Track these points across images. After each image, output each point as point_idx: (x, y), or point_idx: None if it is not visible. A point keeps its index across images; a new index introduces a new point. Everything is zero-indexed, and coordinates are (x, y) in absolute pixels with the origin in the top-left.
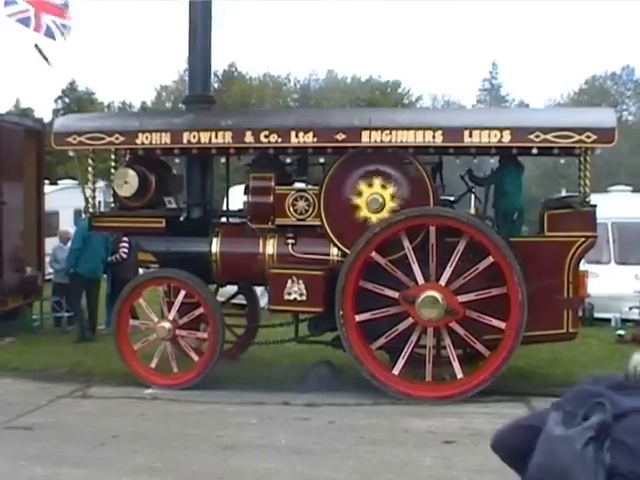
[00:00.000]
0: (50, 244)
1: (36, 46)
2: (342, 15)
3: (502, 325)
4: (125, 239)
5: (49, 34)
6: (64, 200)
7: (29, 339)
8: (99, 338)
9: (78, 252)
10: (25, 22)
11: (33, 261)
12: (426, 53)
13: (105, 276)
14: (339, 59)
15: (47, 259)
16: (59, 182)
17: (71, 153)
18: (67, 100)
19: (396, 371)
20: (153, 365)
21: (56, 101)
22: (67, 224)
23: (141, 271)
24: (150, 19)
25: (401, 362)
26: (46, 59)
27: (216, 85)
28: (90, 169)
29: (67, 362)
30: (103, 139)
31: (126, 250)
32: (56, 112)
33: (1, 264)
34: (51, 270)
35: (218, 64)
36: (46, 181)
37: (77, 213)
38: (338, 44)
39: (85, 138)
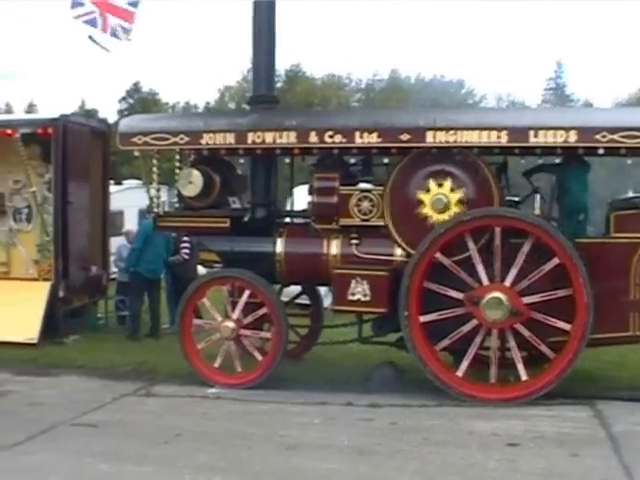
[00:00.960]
0: (115, 244)
1: (90, 37)
2: (405, 15)
3: (567, 327)
4: (186, 239)
5: (114, 35)
6: (129, 200)
7: (94, 337)
8: (163, 337)
9: (139, 252)
10: (92, 23)
11: (98, 260)
12: (490, 52)
13: (165, 276)
14: (402, 59)
15: (112, 258)
16: (124, 182)
17: (136, 153)
18: (131, 101)
19: (460, 373)
20: (217, 364)
21: (120, 102)
22: (131, 224)
23: (203, 270)
24: (213, 19)
25: (465, 364)
26: (103, 47)
27: (280, 85)
28: (155, 169)
29: (131, 360)
30: (168, 139)
31: (188, 251)
32: (120, 113)
33: (67, 263)
34: (116, 269)
35: (282, 64)
36: (111, 181)
37: (141, 213)
38: (401, 44)
39: (150, 138)
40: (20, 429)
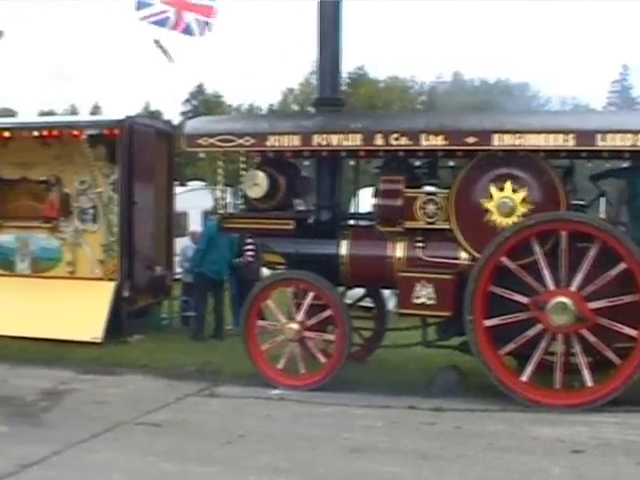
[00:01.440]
0: (179, 244)
1: (156, 42)
2: (468, 17)
3: (634, 333)
4: (250, 241)
5: (188, 31)
6: (193, 201)
7: (158, 337)
8: (227, 338)
9: (203, 253)
10: (161, 23)
11: (162, 261)
12: (555, 55)
13: (229, 277)
14: (466, 61)
15: (176, 259)
16: (188, 183)
17: (202, 155)
18: (195, 103)
19: (525, 378)
20: (280, 366)
21: (184, 104)
22: (195, 225)
23: (267, 272)
24: (276, 21)
25: (530, 369)
26: (167, 55)
27: (343, 88)
28: (220, 171)
29: (195, 361)
30: (233, 141)
31: (252, 253)
32: (184, 115)
33: (132, 263)
34: (180, 270)
35: (345, 66)
36: (175, 182)
37: (205, 214)
38: (465, 46)
39: (216, 140)
40: (85, 427)
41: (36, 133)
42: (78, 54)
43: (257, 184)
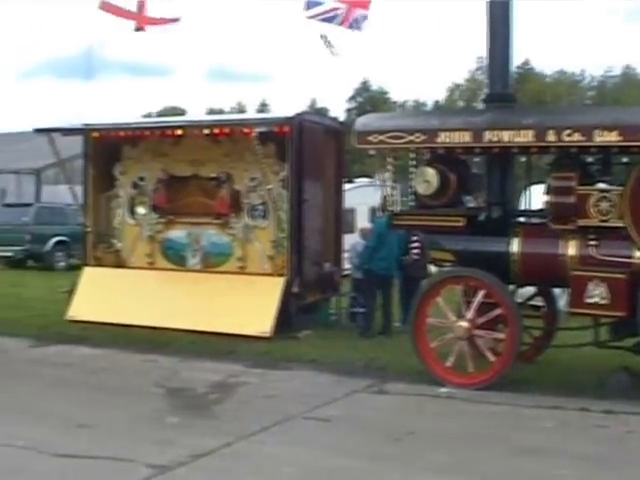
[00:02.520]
0: (347, 241)
1: (323, 37)
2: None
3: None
4: (416, 239)
5: (355, 26)
6: (360, 198)
7: (326, 333)
8: (394, 335)
9: (372, 250)
10: (329, 20)
11: (331, 257)
12: None
13: (398, 274)
14: (637, 54)
15: (345, 255)
16: (355, 180)
17: (372, 152)
18: (360, 99)
19: None
20: (449, 364)
21: (349, 101)
22: (362, 221)
23: (434, 269)
24: (439, 17)
25: None
26: (331, 49)
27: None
28: (389, 167)
29: (362, 357)
30: (403, 138)
31: (417, 250)
32: (349, 112)
33: (301, 259)
34: (349, 266)
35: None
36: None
37: (372, 211)
38: (635, 39)
39: (386, 137)
40: (255, 420)
41: (207, 131)
42: (241, 52)
43: (427, 181)
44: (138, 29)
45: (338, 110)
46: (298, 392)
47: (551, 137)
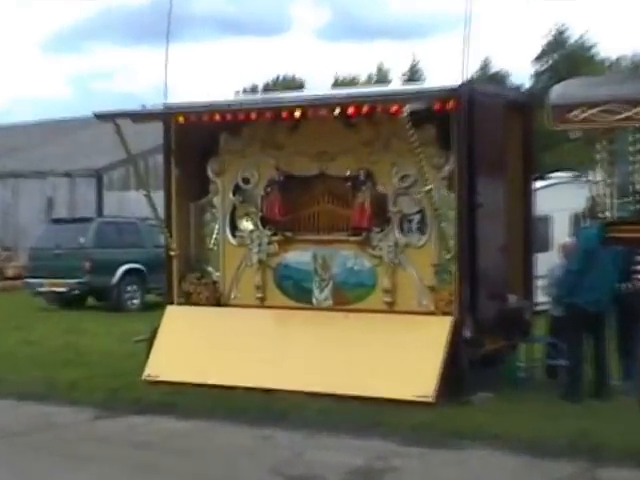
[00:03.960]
0: (542, 262)
1: None
2: None
3: None
4: None
5: None
6: (557, 200)
7: (512, 396)
8: (611, 397)
9: (577, 275)
10: None
11: (518, 286)
12: None
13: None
14: None
15: (539, 283)
16: (550, 176)
17: (574, 134)
18: (553, 58)
19: None
20: None
21: (537, 60)
22: (562, 235)
23: None
24: None
25: None
26: None
27: None
28: (602, 156)
29: (567, 431)
30: (622, 112)
31: None
32: (538, 76)
33: (476, 290)
34: (545, 299)
35: None
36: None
37: (575, 219)
38: None
39: (597, 111)
40: None
41: (338, 111)
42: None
43: None
44: None
45: (522, 75)
46: None
47: None
